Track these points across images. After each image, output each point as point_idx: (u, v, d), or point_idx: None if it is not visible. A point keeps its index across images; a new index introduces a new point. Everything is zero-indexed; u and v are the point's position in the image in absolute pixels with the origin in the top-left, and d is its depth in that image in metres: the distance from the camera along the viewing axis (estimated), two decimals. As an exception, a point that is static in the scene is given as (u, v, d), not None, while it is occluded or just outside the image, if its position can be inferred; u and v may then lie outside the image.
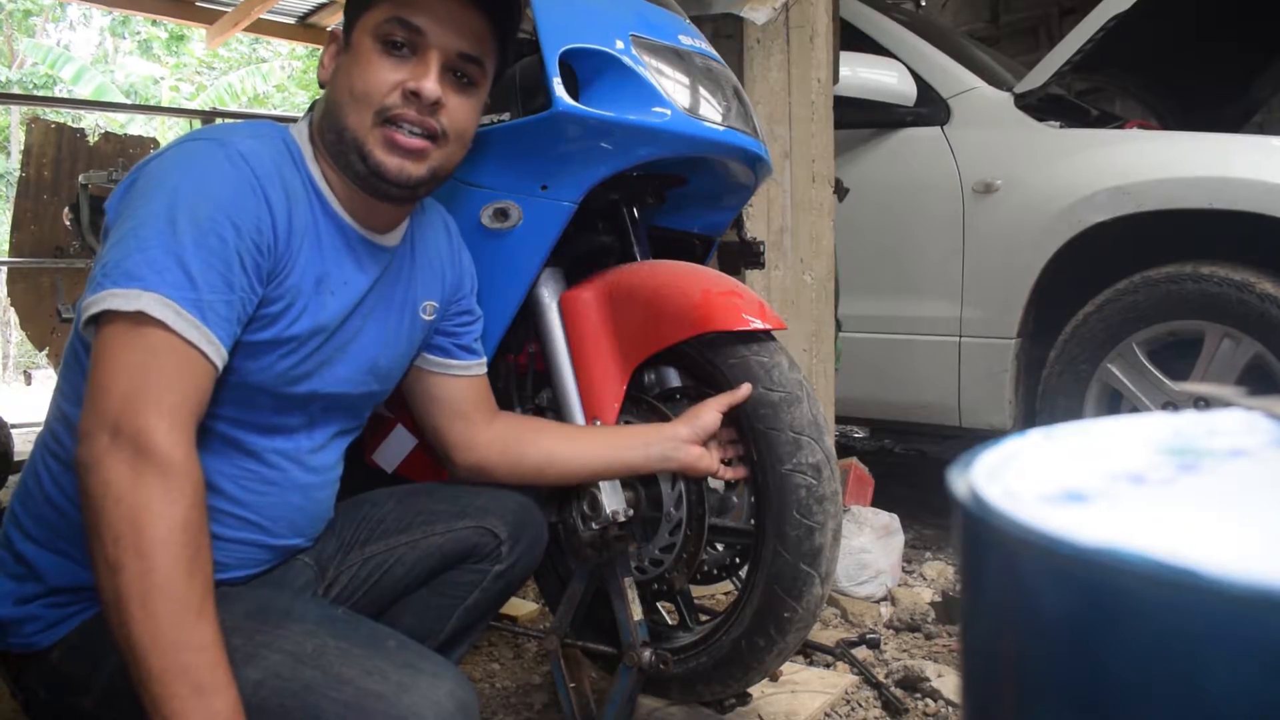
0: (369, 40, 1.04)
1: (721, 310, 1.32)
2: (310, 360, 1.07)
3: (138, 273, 0.89)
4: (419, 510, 1.26)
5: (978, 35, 4.47)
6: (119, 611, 0.81)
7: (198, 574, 0.83)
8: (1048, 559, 0.27)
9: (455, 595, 1.25)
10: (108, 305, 0.88)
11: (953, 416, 2.59)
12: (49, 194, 4.78)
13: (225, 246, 0.93)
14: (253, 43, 12.73)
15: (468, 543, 1.25)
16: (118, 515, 0.82)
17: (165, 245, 0.90)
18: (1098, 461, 0.34)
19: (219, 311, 0.92)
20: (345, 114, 1.04)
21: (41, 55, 11.61)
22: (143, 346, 0.87)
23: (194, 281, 0.90)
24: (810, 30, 2.10)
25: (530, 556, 1.29)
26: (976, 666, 0.33)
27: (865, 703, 1.66)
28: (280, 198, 1.00)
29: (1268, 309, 2.10)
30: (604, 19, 1.37)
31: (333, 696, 0.89)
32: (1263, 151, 2.20)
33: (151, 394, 0.86)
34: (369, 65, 1.04)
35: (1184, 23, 2.84)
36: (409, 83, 1.03)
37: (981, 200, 2.52)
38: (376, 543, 1.24)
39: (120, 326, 0.88)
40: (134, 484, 0.82)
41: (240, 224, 0.95)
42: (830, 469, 1.32)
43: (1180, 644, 0.25)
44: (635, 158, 1.35)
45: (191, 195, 0.93)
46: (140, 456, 0.83)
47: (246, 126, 1.06)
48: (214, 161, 0.96)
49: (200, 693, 0.79)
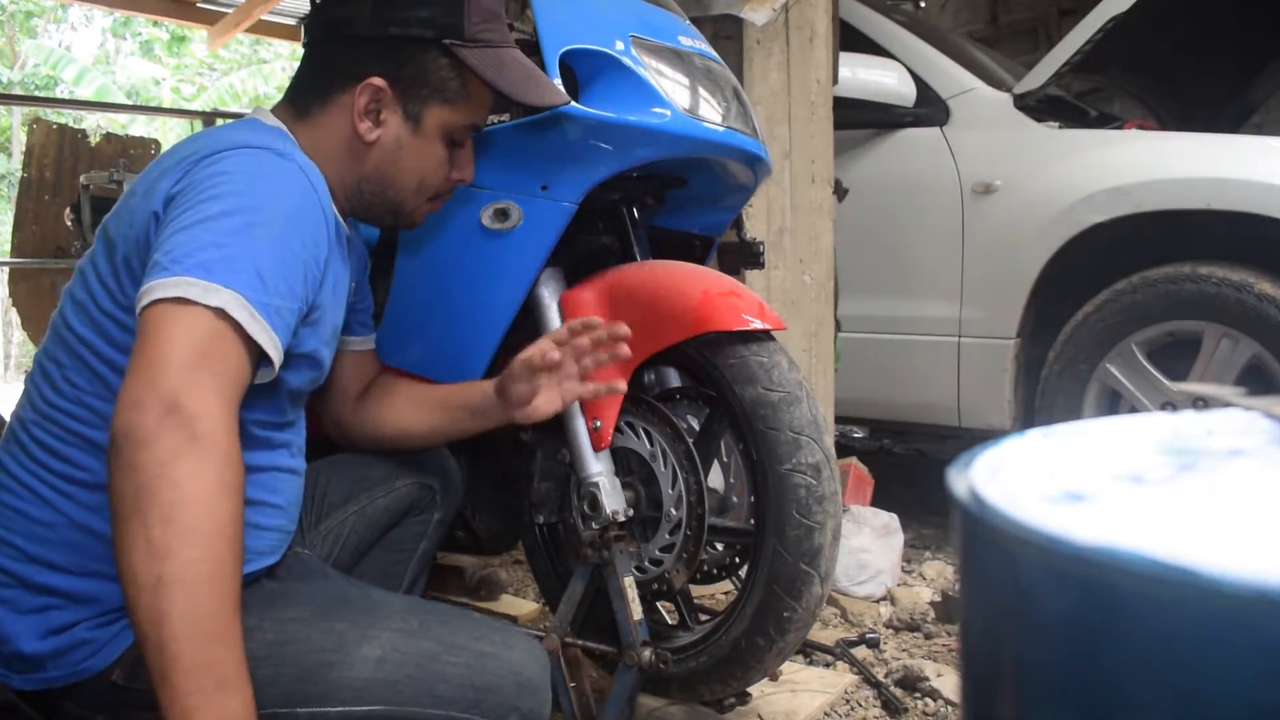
0: (441, 134, 1.13)
1: (721, 310, 1.32)
2: (323, 359, 1.11)
3: (215, 268, 0.87)
4: (357, 479, 1.34)
5: (977, 36, 4.47)
6: (159, 596, 0.77)
7: (239, 569, 0.83)
8: (1047, 559, 0.27)
9: (406, 547, 1.38)
10: (183, 293, 0.85)
11: (952, 416, 2.59)
12: (50, 194, 4.79)
13: (294, 257, 0.95)
14: (254, 44, 12.72)
15: (409, 499, 1.37)
16: (174, 499, 0.78)
17: (242, 246, 0.89)
18: (1097, 461, 0.34)
19: (285, 319, 0.93)
20: (400, 192, 1.14)
21: (43, 56, 11.61)
22: (211, 333, 0.86)
23: (266, 286, 0.90)
24: (810, 31, 2.10)
25: (457, 499, 1.45)
26: (976, 666, 0.33)
27: (865, 702, 1.66)
28: (331, 212, 1.05)
29: (1266, 309, 2.10)
30: (604, 20, 1.37)
31: (454, 660, 1.00)
32: (1261, 152, 2.20)
33: (213, 378, 0.84)
34: (438, 162, 1.14)
35: (1183, 23, 2.84)
36: (456, 174, 1.17)
37: (981, 201, 2.52)
38: (329, 518, 1.31)
39: (192, 312, 0.85)
40: (195, 469, 0.80)
41: (306, 236, 0.97)
42: (830, 469, 1.32)
43: (1179, 644, 0.25)
44: (635, 158, 1.35)
45: (269, 201, 0.94)
46: (198, 441, 0.80)
47: (266, 133, 1.06)
48: (284, 172, 0.98)
49: (223, 688, 0.79)
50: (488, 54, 1.11)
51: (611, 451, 1.41)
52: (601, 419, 1.38)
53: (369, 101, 1.08)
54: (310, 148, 1.09)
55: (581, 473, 1.39)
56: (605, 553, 1.36)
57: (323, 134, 1.10)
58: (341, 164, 1.11)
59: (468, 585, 2.09)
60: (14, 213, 4.92)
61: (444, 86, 1.10)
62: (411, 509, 1.38)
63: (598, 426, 1.38)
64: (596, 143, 1.31)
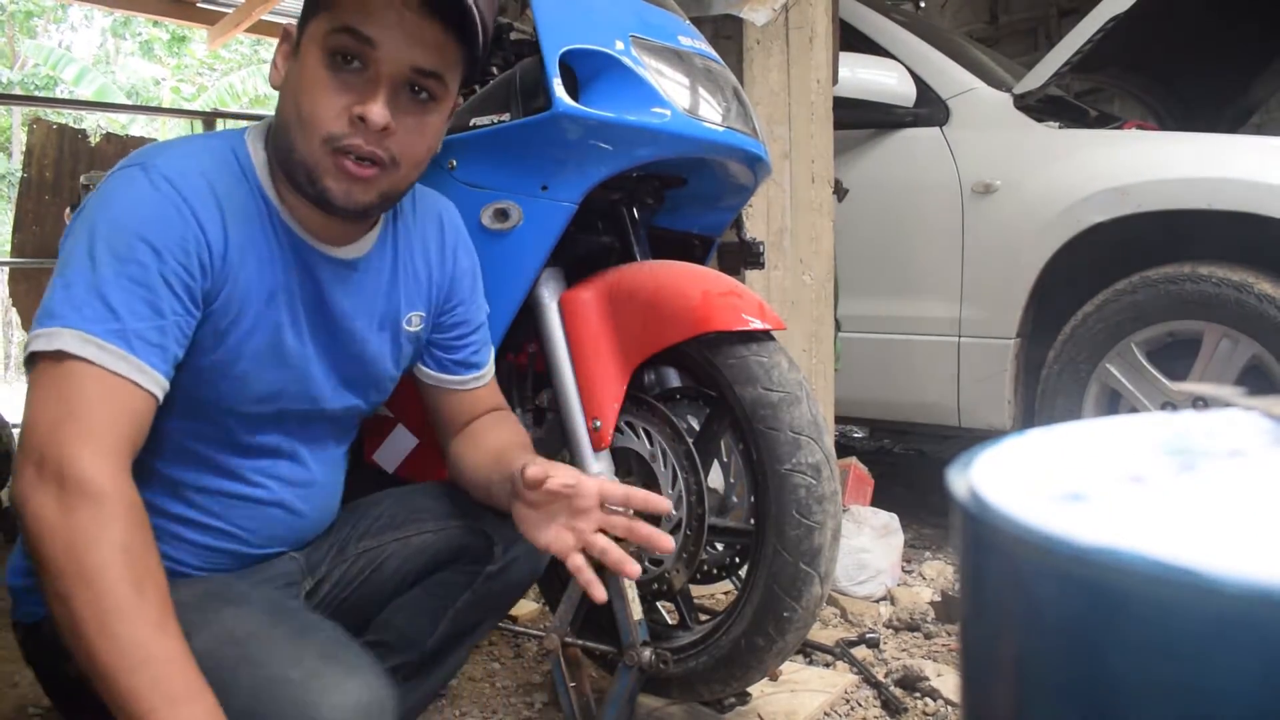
0: (316, 52, 0.97)
1: (721, 310, 1.32)
2: (269, 378, 1.05)
3: (58, 311, 0.88)
4: (414, 507, 1.24)
5: (977, 36, 4.47)
6: (79, 639, 0.81)
7: (148, 591, 0.83)
8: (1047, 559, 0.27)
9: (446, 596, 1.22)
10: (33, 348, 0.88)
11: (952, 416, 2.59)
12: (50, 195, 4.79)
13: (147, 272, 0.91)
14: (254, 44, 12.72)
15: (459, 542, 1.22)
16: (54, 548, 0.82)
17: (85, 279, 0.90)
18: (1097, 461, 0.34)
19: (149, 339, 0.91)
20: (293, 136, 0.99)
21: (43, 56, 11.62)
22: (65, 382, 0.87)
23: (116, 312, 0.89)
24: (810, 31, 2.10)
25: (531, 560, 1.24)
26: (976, 666, 0.33)
27: (865, 702, 1.66)
28: (213, 215, 0.97)
29: (1266, 309, 2.10)
30: (604, 20, 1.37)
31: (244, 677, 0.91)
32: (1261, 152, 2.20)
33: (74, 425, 0.86)
34: (315, 84, 0.96)
35: (1183, 23, 2.84)
36: (355, 107, 0.96)
37: (981, 201, 2.52)
38: (369, 539, 1.22)
39: (44, 366, 0.88)
40: (63, 515, 0.82)
41: (161, 246, 0.92)
42: (830, 469, 1.32)
43: (1180, 644, 0.25)
44: (635, 158, 1.35)
45: (109, 225, 0.92)
46: (65, 487, 0.83)
47: (183, 144, 1.04)
48: (132, 187, 0.95)
49: (174, 702, 0.80)
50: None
51: (611, 451, 1.41)
52: (601, 419, 1.38)
53: (278, 52, 1.03)
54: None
55: (581, 473, 1.38)
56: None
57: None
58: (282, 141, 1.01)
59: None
60: (14, 213, 4.92)
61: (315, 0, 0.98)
62: (462, 555, 1.22)
63: (598, 426, 1.38)
64: (596, 143, 1.31)
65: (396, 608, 1.23)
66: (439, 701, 1.63)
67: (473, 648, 1.30)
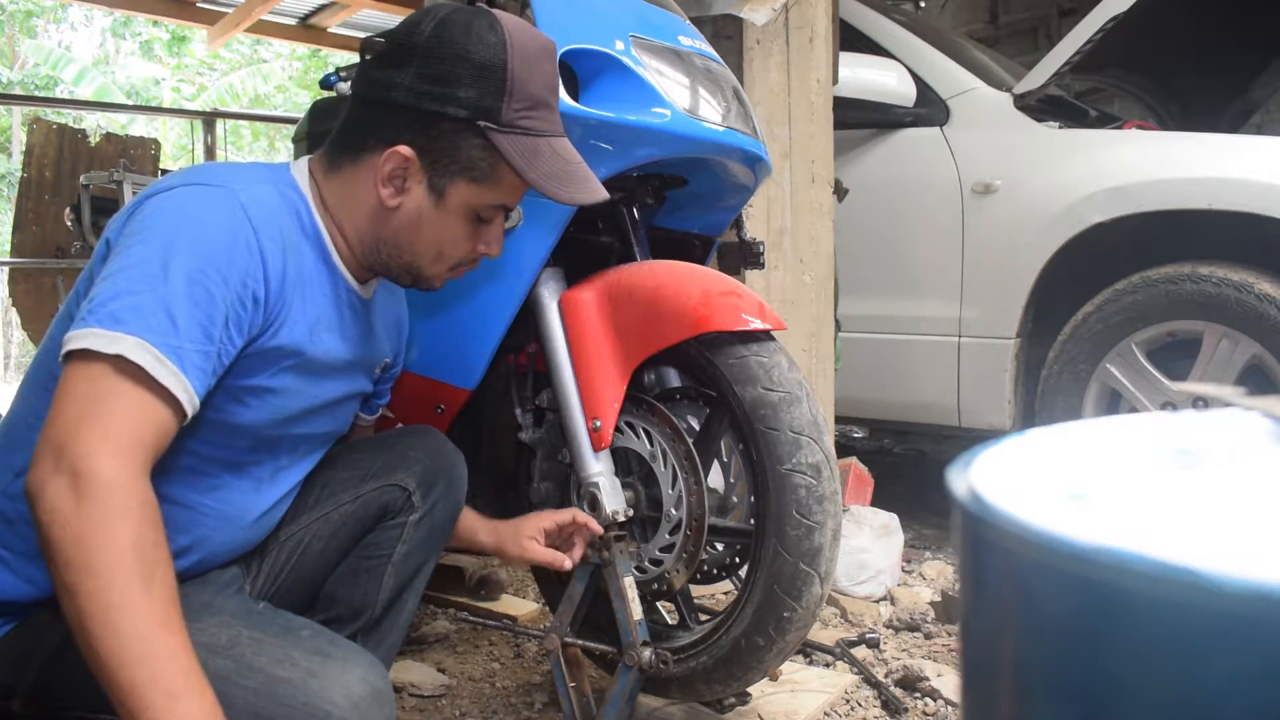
0: (466, 212, 1.11)
1: (721, 310, 1.32)
2: (294, 404, 1.09)
3: (123, 316, 0.89)
4: (324, 483, 1.28)
5: (977, 36, 4.47)
6: (83, 633, 0.81)
7: (156, 588, 0.84)
8: (1047, 559, 0.27)
9: (381, 554, 1.28)
10: (88, 344, 0.89)
11: (952, 416, 2.59)
12: (50, 194, 4.79)
13: (212, 300, 0.94)
14: (254, 44, 12.72)
15: (378, 503, 1.28)
16: (65, 540, 0.82)
17: (155, 292, 0.91)
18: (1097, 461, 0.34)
19: (195, 361, 0.92)
20: (418, 258, 1.13)
21: (43, 56, 11.62)
22: (104, 382, 0.88)
23: (177, 328, 0.91)
24: (810, 31, 2.10)
25: (450, 496, 1.33)
26: (976, 666, 0.33)
27: (865, 702, 1.66)
28: (277, 249, 1.02)
29: (1266, 309, 2.10)
30: (604, 20, 1.37)
31: (243, 684, 0.94)
32: (1261, 152, 2.20)
33: (100, 423, 0.86)
34: (460, 236, 1.13)
35: (1183, 23, 2.84)
36: (481, 246, 1.15)
37: (981, 200, 2.52)
38: (290, 525, 1.25)
39: (92, 363, 0.88)
40: (76, 508, 0.83)
41: (230, 276, 0.96)
42: (830, 469, 1.32)
43: (1180, 644, 0.25)
44: (635, 158, 1.35)
45: (187, 243, 0.94)
46: (82, 480, 0.84)
47: (252, 170, 1.08)
48: (212, 210, 0.98)
49: (174, 699, 0.80)
50: (523, 141, 1.08)
51: (611, 451, 1.41)
52: (601, 419, 1.38)
53: (394, 169, 1.08)
54: (334, 201, 1.11)
55: (581, 473, 1.39)
56: (605, 553, 1.36)
57: (348, 190, 1.11)
58: (361, 222, 1.11)
59: (467, 585, 2.09)
60: (14, 213, 4.92)
61: (473, 166, 1.09)
62: (384, 513, 1.29)
63: (598, 426, 1.38)
64: (597, 143, 1.31)
65: (336, 581, 1.29)
66: (439, 701, 1.64)
67: (421, 591, 1.35)
